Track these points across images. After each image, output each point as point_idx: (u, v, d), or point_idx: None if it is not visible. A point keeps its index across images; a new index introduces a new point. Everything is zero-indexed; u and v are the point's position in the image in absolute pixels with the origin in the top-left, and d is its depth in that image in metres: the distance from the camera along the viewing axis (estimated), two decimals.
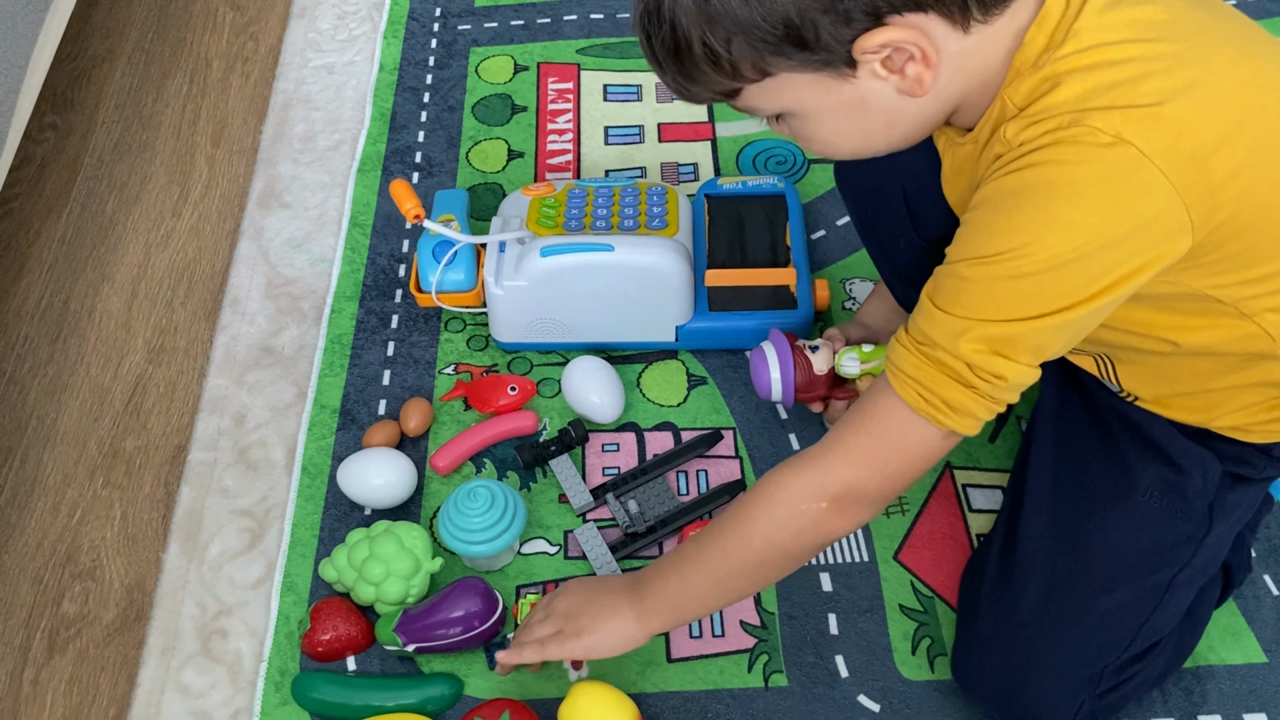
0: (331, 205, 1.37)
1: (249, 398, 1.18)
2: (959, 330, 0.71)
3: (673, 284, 1.12)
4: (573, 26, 1.57)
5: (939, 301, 0.73)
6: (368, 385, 1.18)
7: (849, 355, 1.03)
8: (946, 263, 0.74)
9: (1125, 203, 0.68)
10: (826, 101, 0.73)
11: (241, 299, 1.27)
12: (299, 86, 1.52)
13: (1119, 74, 0.68)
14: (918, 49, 0.69)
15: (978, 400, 0.73)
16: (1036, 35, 0.71)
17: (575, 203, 1.20)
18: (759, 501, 0.81)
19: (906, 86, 0.71)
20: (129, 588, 1.06)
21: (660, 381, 1.17)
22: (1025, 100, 0.71)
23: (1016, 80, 0.72)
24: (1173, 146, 0.67)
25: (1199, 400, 0.86)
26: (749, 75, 0.72)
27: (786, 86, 0.72)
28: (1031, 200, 0.69)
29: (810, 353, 1.04)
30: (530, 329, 1.17)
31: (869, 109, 0.73)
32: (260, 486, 1.11)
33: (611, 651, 0.88)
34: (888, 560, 1.04)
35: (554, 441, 1.10)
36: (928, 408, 0.74)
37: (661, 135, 1.43)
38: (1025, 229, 0.69)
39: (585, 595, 0.90)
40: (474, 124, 1.45)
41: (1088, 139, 0.67)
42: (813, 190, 1.35)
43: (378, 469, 1.06)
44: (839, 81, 0.71)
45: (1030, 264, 0.69)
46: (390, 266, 1.29)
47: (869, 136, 0.77)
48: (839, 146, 0.78)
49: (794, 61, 0.70)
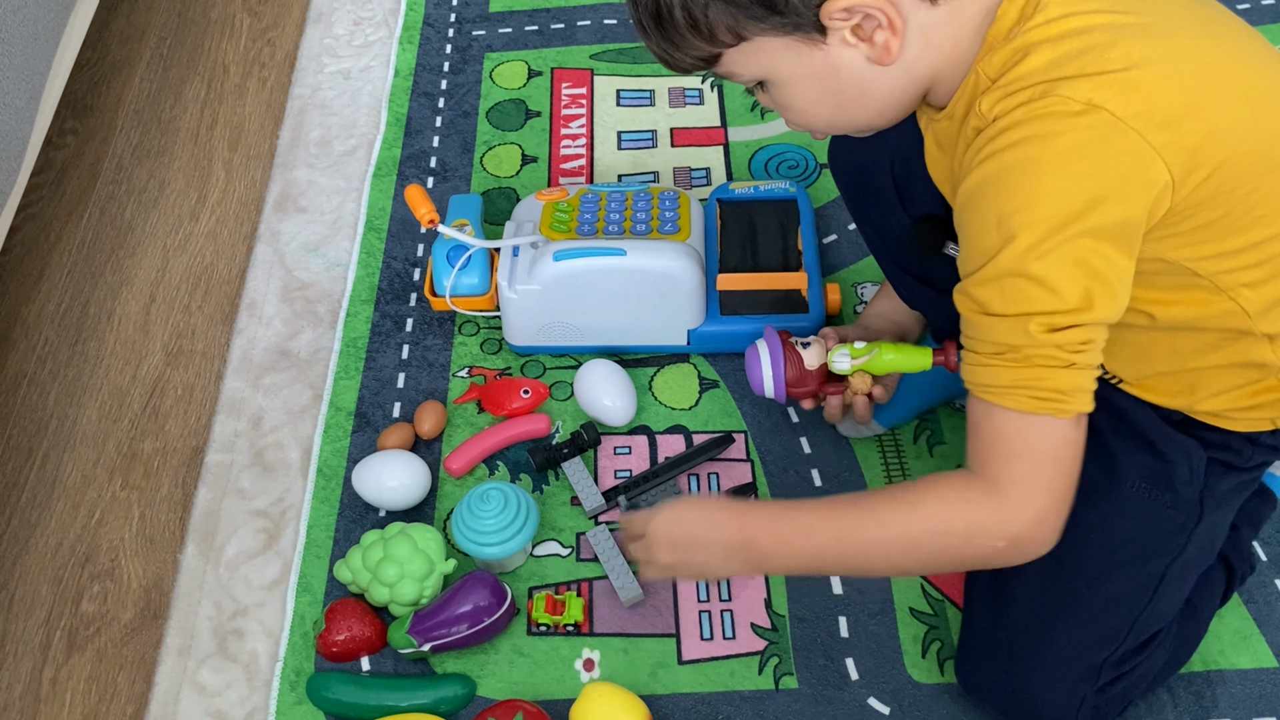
0: (347, 210, 1.38)
1: (265, 400, 1.20)
2: (1024, 325, 0.72)
3: (684, 288, 1.13)
4: (586, 32, 1.58)
5: (989, 309, 0.73)
6: (382, 388, 1.19)
7: (840, 351, 1.03)
8: (968, 273, 0.74)
9: (1107, 162, 0.69)
10: (799, 69, 0.76)
11: (258, 302, 1.29)
12: (315, 92, 1.53)
13: (1087, 41, 0.70)
14: (883, 14, 0.71)
15: (1082, 374, 0.73)
16: (1009, 9, 0.73)
17: (588, 207, 1.21)
18: (926, 522, 0.79)
19: (875, 55, 0.73)
20: (147, 588, 1.07)
21: (672, 385, 1.18)
22: (998, 72, 0.73)
23: (990, 53, 0.73)
24: (1144, 110, 0.69)
25: (1179, 381, 0.86)
26: (726, 39, 0.75)
27: (762, 52, 0.75)
28: (1018, 179, 0.70)
29: (802, 348, 1.05)
30: (543, 332, 1.17)
31: (841, 78, 0.76)
32: (276, 488, 1.12)
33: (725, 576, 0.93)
34: None
35: (566, 444, 1.11)
36: (1048, 405, 0.73)
37: (674, 140, 1.44)
38: (1022, 209, 0.70)
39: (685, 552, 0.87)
40: (488, 129, 1.46)
41: (1059, 108, 0.69)
42: (824, 195, 1.36)
43: (392, 471, 1.07)
44: (810, 48, 0.74)
45: (1040, 239, 0.69)
46: (405, 270, 1.30)
47: (843, 108, 0.79)
48: (814, 115, 0.80)
49: (767, 25, 0.73)
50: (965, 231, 0.75)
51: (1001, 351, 0.74)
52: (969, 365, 0.76)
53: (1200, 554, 0.90)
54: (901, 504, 0.81)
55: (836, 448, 1.12)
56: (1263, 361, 0.81)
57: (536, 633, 1.00)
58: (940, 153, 0.83)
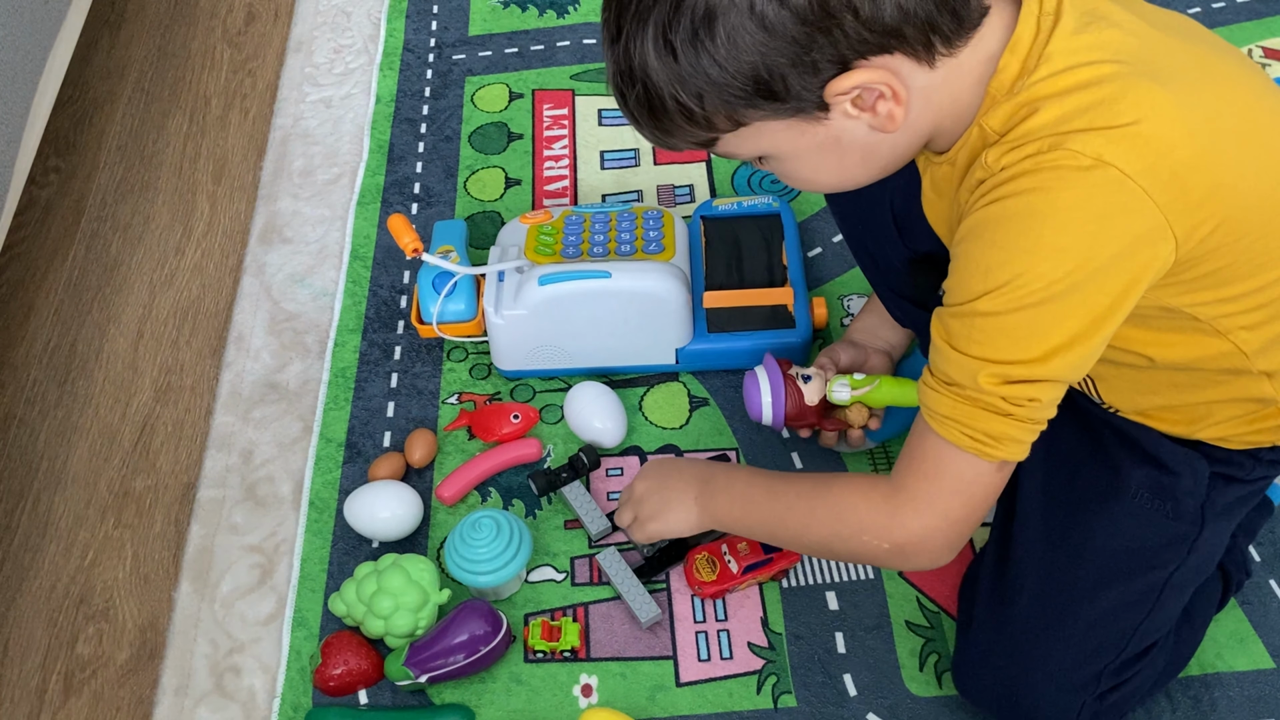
0: (332, 239, 1.38)
1: (256, 434, 1.20)
2: (976, 369, 0.73)
3: (670, 308, 1.13)
4: (566, 52, 1.58)
5: (954, 342, 0.74)
6: (372, 418, 1.19)
7: (840, 383, 1.04)
8: (948, 303, 0.75)
9: (1111, 223, 0.69)
10: (802, 144, 0.75)
11: (246, 335, 1.29)
12: (297, 121, 1.53)
13: (1094, 95, 0.69)
14: (887, 88, 0.70)
15: (1019, 426, 0.74)
16: (1010, 61, 0.72)
17: (572, 229, 1.21)
18: (829, 505, 0.86)
19: (879, 123, 0.73)
20: (142, 627, 1.07)
21: (662, 404, 1.18)
22: (1004, 126, 0.72)
23: (993, 107, 0.73)
24: (1152, 166, 0.68)
25: (1180, 413, 0.87)
26: (723, 126, 0.74)
27: (762, 133, 0.74)
28: (1018, 229, 0.70)
29: (803, 383, 1.05)
30: (531, 356, 1.18)
31: (844, 147, 0.75)
32: (269, 522, 1.12)
33: (679, 533, 0.99)
34: (893, 577, 1.04)
35: (565, 468, 1.10)
36: (973, 444, 0.75)
37: (656, 158, 1.44)
38: (1017, 260, 0.70)
39: (658, 480, 1.00)
40: (471, 153, 1.46)
41: (1068, 162, 0.68)
42: (808, 208, 1.36)
43: (384, 502, 1.07)
44: (812, 124, 0.73)
45: (1029, 294, 0.70)
46: (392, 298, 1.30)
47: (847, 171, 0.79)
48: (819, 183, 0.81)
49: (765, 111, 0.72)
50: (956, 263, 0.75)
51: (950, 384, 0.75)
52: (923, 384, 0.78)
53: (1201, 564, 0.90)
54: (820, 486, 0.88)
55: (828, 465, 1.12)
56: (1262, 396, 0.82)
57: (533, 659, 1.00)
58: (937, 197, 0.83)
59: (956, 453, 0.76)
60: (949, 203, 0.80)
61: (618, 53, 0.72)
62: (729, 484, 0.95)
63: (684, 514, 0.97)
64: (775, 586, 1.04)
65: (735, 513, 0.94)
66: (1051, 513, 0.91)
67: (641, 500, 1.00)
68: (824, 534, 0.86)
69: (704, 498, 0.96)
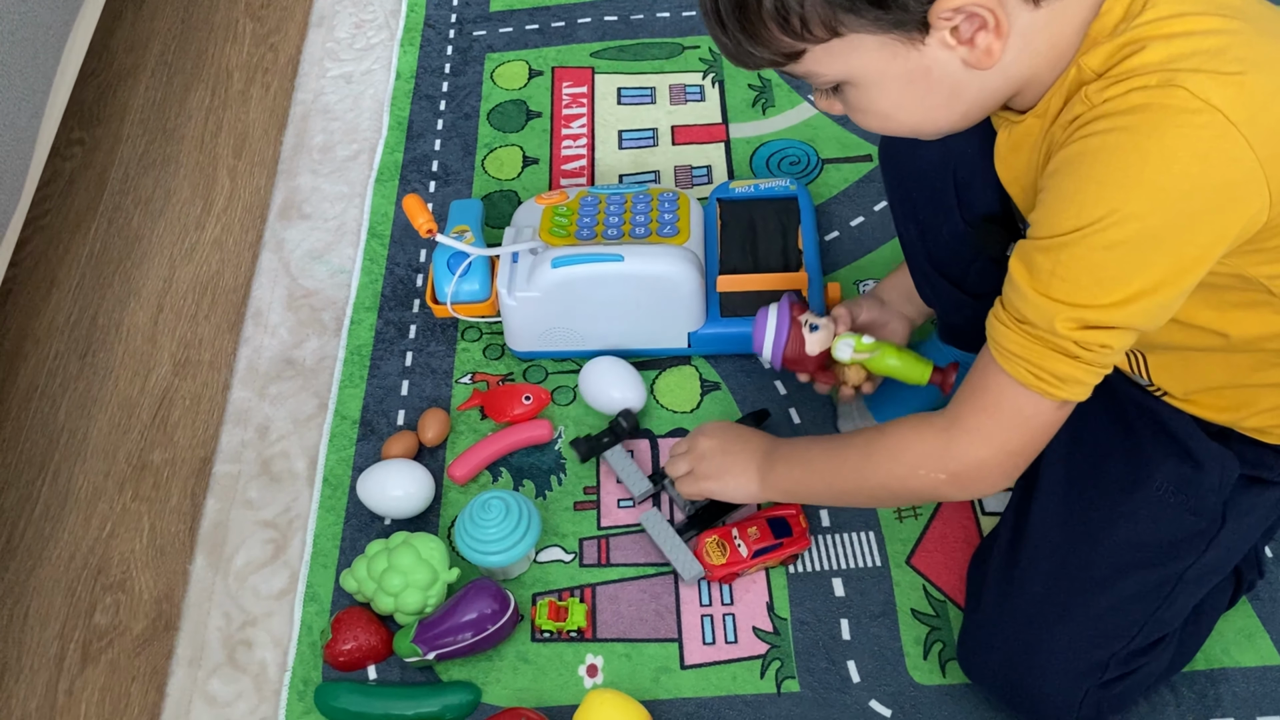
0: (350, 216, 1.39)
1: (271, 410, 1.21)
2: (1054, 313, 0.72)
3: (683, 292, 1.13)
4: (587, 30, 1.58)
5: (1035, 283, 0.73)
6: (386, 396, 1.20)
7: (845, 341, 1.03)
8: (1034, 235, 0.73)
9: (1213, 168, 0.68)
10: (892, 69, 0.72)
11: (264, 311, 1.30)
12: (318, 97, 1.54)
13: (1201, 43, 0.68)
14: (991, 15, 0.68)
15: (1085, 369, 0.74)
16: (1113, 5, 0.71)
17: (588, 211, 1.21)
18: (884, 447, 0.87)
19: (975, 58, 0.71)
20: (158, 599, 1.09)
21: (674, 388, 1.19)
22: (1105, 65, 0.71)
23: (1093, 48, 0.72)
24: (1255, 117, 0.67)
25: (1228, 398, 0.86)
26: (818, 34, 0.71)
27: (854, 49, 0.71)
28: (1120, 163, 0.68)
29: (808, 331, 1.04)
30: (544, 338, 1.18)
31: (933, 80, 0.73)
32: (283, 498, 1.14)
33: (732, 499, 1.01)
34: (900, 565, 1.05)
35: (605, 433, 1.11)
36: (1038, 383, 0.75)
37: (675, 138, 1.43)
38: (1114, 195, 0.68)
39: (723, 443, 1.01)
40: (489, 131, 1.46)
41: (1176, 102, 0.67)
42: (826, 191, 1.35)
43: (396, 480, 1.08)
44: (907, 47, 0.71)
45: (1122, 232, 0.68)
46: (408, 276, 1.31)
47: (930, 111, 0.76)
48: (898, 120, 0.78)
49: (866, 20, 0.69)
50: (1047, 195, 0.73)
51: (1021, 322, 0.75)
52: (993, 317, 0.78)
53: (1218, 562, 0.90)
54: (875, 432, 0.89)
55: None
56: None
57: (540, 639, 1.01)
58: (1014, 154, 0.82)
59: (1020, 389, 0.76)
60: (1029, 154, 0.79)
61: None
62: (790, 452, 0.97)
63: (744, 481, 0.99)
64: (782, 571, 1.05)
65: (795, 475, 0.95)
66: (1072, 498, 0.90)
67: (703, 456, 1.01)
68: (882, 476, 0.87)
69: (765, 468, 0.97)
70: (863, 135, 1.41)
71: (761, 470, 0.98)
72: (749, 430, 1.03)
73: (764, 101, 1.46)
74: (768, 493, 0.98)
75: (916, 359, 1.03)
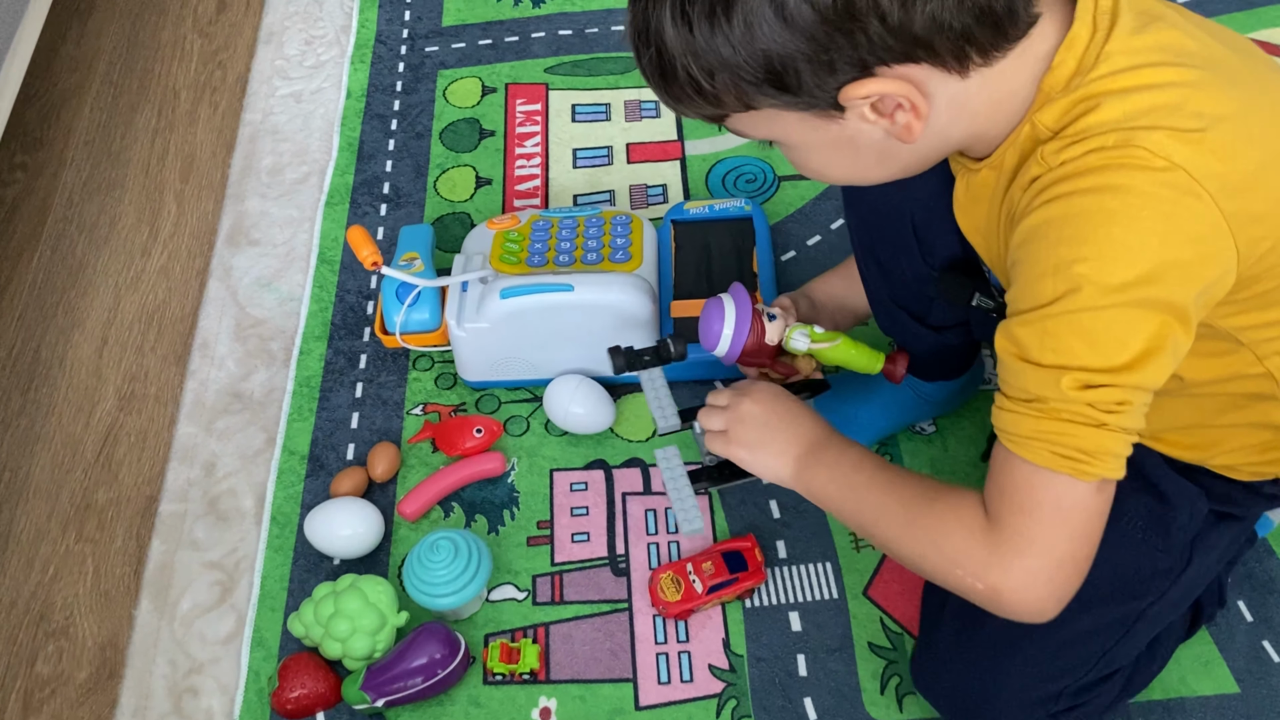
0: (299, 241, 1.36)
1: (218, 445, 1.18)
2: (1055, 377, 0.67)
3: (635, 321, 1.12)
4: (541, 44, 1.55)
5: (1027, 355, 0.69)
6: (336, 429, 1.18)
7: (800, 331, 1.00)
8: (1015, 312, 0.70)
9: (1181, 226, 0.66)
10: (814, 138, 0.72)
11: (211, 342, 1.27)
12: (267, 117, 1.51)
13: (1158, 98, 0.66)
14: (906, 100, 0.67)
15: (1111, 436, 0.68)
16: (1065, 58, 0.68)
17: (539, 236, 1.19)
18: (930, 519, 0.77)
19: (896, 132, 0.69)
20: (101, 645, 1.06)
21: (629, 416, 1.17)
22: (1059, 122, 0.69)
23: (1047, 104, 0.69)
24: (1218, 173, 0.65)
25: (1196, 437, 0.85)
26: (732, 106, 0.71)
27: (774, 120, 0.71)
28: (1089, 226, 0.66)
29: (767, 320, 1.00)
30: (496, 368, 1.16)
31: (858, 147, 0.72)
32: (230, 538, 1.11)
33: (759, 476, 0.92)
34: (857, 596, 1.03)
35: (649, 351, 1.02)
36: (1066, 463, 0.68)
37: (630, 156, 1.41)
38: (1088, 259, 0.66)
39: (768, 413, 0.90)
40: (442, 151, 1.44)
41: (1138, 161, 0.65)
42: (783, 209, 1.33)
43: (344, 519, 1.06)
44: (825, 121, 0.70)
45: (1103, 295, 0.65)
46: (358, 304, 1.29)
47: (861, 169, 0.75)
48: (832, 175, 0.77)
49: (776, 101, 0.69)
50: (1019, 269, 0.70)
51: (1030, 400, 0.69)
52: (998, 409, 0.72)
53: (1180, 598, 0.89)
54: (925, 497, 0.79)
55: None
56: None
57: (492, 682, 1.00)
58: (972, 203, 0.79)
59: (1049, 476, 0.69)
60: (988, 207, 0.77)
61: (636, 11, 0.69)
62: (837, 458, 0.86)
63: (778, 464, 0.89)
64: (738, 606, 1.03)
65: (830, 491, 0.86)
66: None
67: (742, 420, 0.91)
68: (917, 552, 0.78)
69: (806, 460, 0.88)
70: None
71: (800, 463, 0.88)
72: (799, 407, 0.91)
73: None
74: (798, 487, 0.89)
75: (868, 349, 1.02)
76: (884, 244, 0.98)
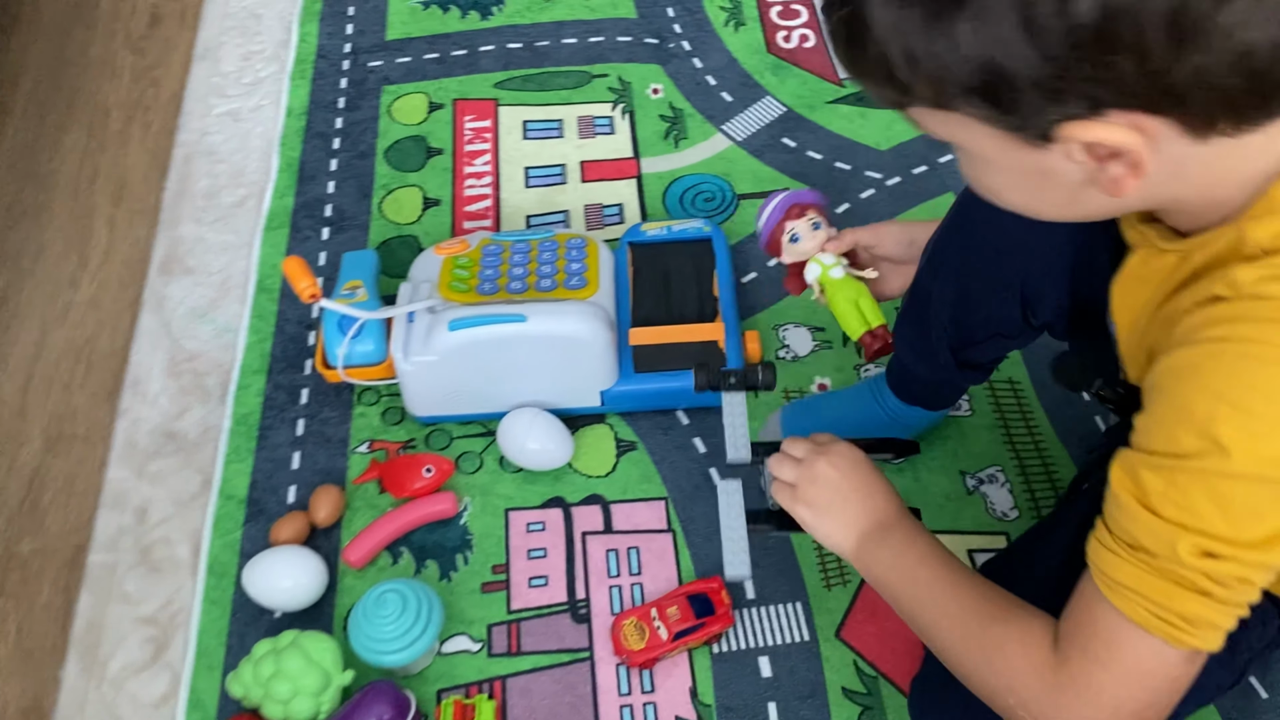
0: (237, 268, 1.29)
1: (151, 490, 1.11)
2: (1174, 537, 0.59)
3: (592, 351, 1.06)
4: (489, 58, 1.49)
5: (1147, 501, 0.60)
6: (276, 470, 1.11)
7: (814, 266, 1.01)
8: (1143, 447, 0.61)
9: None
10: (1003, 159, 0.60)
11: (143, 379, 1.20)
12: (202, 137, 1.44)
13: None
14: (1130, 153, 0.55)
15: (1220, 609, 0.61)
16: None
17: (490, 261, 1.14)
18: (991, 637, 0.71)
19: (1102, 183, 0.58)
20: (24, 711, 0.99)
21: (588, 449, 1.11)
22: (1275, 243, 0.57)
23: (1270, 215, 0.58)
24: None
25: None
26: (923, 100, 0.59)
27: (963, 127, 0.59)
28: (1261, 388, 0.56)
29: (789, 240, 1.02)
30: (446, 402, 1.10)
31: (1051, 182, 0.60)
32: (164, 590, 1.04)
33: (818, 540, 0.86)
34: (830, 639, 0.98)
35: (736, 373, 0.95)
36: (1162, 626, 0.61)
37: (584, 174, 1.36)
38: (1246, 423, 0.57)
39: (842, 479, 0.84)
40: (387, 171, 1.37)
41: None
42: (742, 229, 1.29)
43: (285, 570, 0.99)
44: (1025, 146, 0.58)
45: (1257, 464, 0.57)
46: (299, 334, 1.22)
47: (1044, 204, 0.64)
48: (1003, 199, 0.65)
49: (977, 112, 0.57)
50: (1161, 398, 0.61)
51: (1135, 549, 0.61)
52: (1098, 543, 0.64)
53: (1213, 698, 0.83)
54: (987, 614, 0.72)
55: None
56: None
57: None
58: (1140, 284, 0.68)
59: (1138, 633, 0.62)
60: (1151, 295, 0.66)
61: None
62: (905, 545, 0.80)
63: (841, 535, 0.83)
64: (706, 652, 0.98)
65: (891, 578, 0.80)
66: None
67: (815, 480, 0.85)
68: (970, 665, 0.73)
69: (871, 538, 0.82)
70: (779, 169, 1.34)
71: (864, 539, 0.82)
72: (876, 480, 0.85)
73: (676, 133, 1.39)
74: (856, 564, 0.83)
75: (862, 314, 0.99)
76: (980, 279, 0.90)
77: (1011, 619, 0.71)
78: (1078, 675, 0.65)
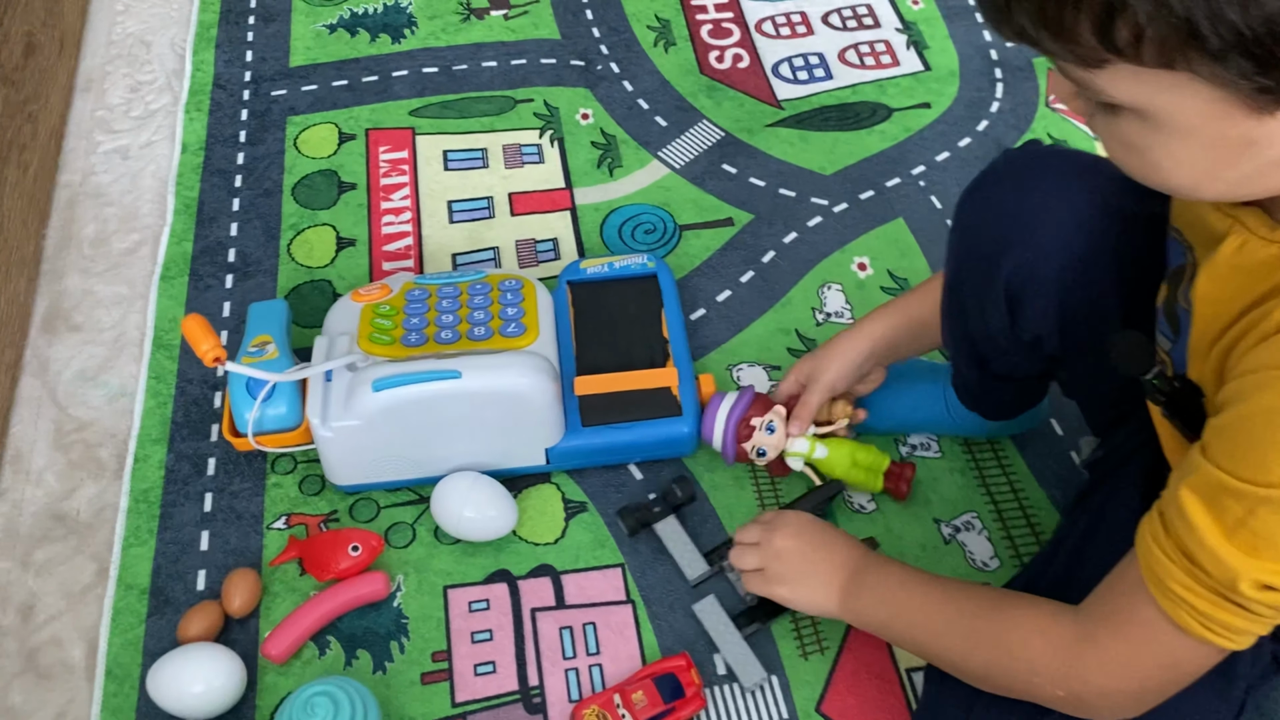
0: (131, 323, 1.16)
1: (37, 583, 0.98)
2: (1238, 572, 0.59)
3: (535, 405, 0.96)
4: (404, 84, 1.39)
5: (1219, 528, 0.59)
6: (182, 553, 0.99)
7: (794, 460, 0.99)
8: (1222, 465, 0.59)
9: None
10: (1209, 128, 0.54)
11: (25, 453, 1.07)
12: (87, 177, 1.31)
13: None
14: None
15: (1262, 623, 0.62)
16: None
17: (415, 308, 1.03)
18: (999, 632, 0.73)
19: None
20: None
21: (533, 514, 1.01)
22: None
23: None
24: None
25: None
26: (1131, 57, 0.52)
27: (1177, 89, 0.52)
28: None
29: (756, 455, 0.98)
30: (371, 469, 0.99)
31: (1248, 155, 0.55)
32: (55, 700, 0.91)
33: (804, 611, 0.88)
34: (809, 713, 0.90)
35: (657, 502, 1.00)
36: (1205, 632, 0.62)
37: (514, 207, 1.26)
38: None
39: (803, 545, 0.87)
40: (295, 209, 1.26)
41: None
42: (687, 262, 1.20)
43: (195, 672, 0.87)
44: (1247, 113, 0.52)
45: None
46: (204, 396, 1.10)
47: (1216, 180, 0.58)
48: (1163, 175, 0.59)
49: (1223, 73, 0.51)
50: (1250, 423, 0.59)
51: (1192, 562, 0.61)
52: (1149, 539, 0.63)
53: None
54: (988, 606, 0.75)
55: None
56: None
57: None
58: (1233, 272, 0.63)
59: (1178, 634, 0.63)
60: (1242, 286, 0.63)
61: None
62: (881, 580, 0.82)
63: (821, 596, 0.85)
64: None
65: (880, 615, 0.82)
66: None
67: (779, 555, 0.87)
68: (985, 662, 0.73)
69: (850, 588, 0.84)
70: (721, 197, 1.26)
71: (845, 591, 0.84)
72: (833, 533, 0.88)
73: (610, 161, 1.30)
74: (846, 617, 0.85)
75: (866, 467, 0.99)
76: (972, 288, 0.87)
77: (1011, 604, 0.73)
78: (1105, 648, 0.67)
